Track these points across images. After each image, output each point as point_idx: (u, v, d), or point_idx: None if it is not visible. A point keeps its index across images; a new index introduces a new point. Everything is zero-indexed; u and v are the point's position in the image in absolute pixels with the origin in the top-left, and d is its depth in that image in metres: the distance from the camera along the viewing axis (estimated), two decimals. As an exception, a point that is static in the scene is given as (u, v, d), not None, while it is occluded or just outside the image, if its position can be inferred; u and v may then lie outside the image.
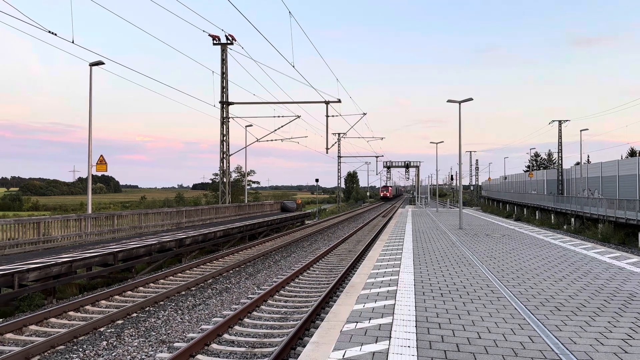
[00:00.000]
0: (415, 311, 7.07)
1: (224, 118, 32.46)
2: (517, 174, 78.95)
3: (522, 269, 10.68)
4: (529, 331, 6.11)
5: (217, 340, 8.28)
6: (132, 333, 8.72)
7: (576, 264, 11.48)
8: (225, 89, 32.24)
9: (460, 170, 24.11)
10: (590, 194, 44.07)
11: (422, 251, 13.76)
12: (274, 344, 8.10)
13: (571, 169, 55.03)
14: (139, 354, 7.67)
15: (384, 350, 5.41)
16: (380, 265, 11.37)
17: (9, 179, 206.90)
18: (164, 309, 10.41)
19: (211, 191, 62.76)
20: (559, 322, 6.54)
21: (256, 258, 17.92)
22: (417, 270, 10.59)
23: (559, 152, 55.48)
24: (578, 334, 6.01)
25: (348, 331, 6.12)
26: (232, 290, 12.56)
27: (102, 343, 8.12)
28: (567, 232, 33.36)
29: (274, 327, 9.24)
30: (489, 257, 12.63)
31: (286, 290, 12.49)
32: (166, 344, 8.19)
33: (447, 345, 5.57)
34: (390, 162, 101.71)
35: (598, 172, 43.72)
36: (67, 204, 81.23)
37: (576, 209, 37.22)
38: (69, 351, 7.72)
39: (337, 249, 20.81)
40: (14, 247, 14.32)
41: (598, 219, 32.18)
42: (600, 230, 30.64)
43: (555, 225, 40.24)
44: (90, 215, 18.15)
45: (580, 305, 7.47)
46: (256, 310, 10.34)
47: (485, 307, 7.31)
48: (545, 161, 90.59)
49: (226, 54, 31.75)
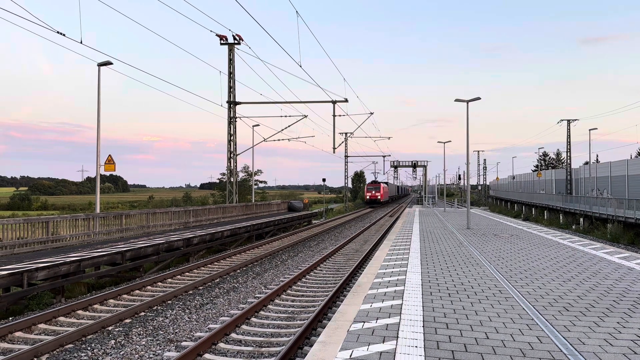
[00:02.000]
0: (423, 311, 7.05)
1: (231, 118, 32.50)
2: (526, 174, 78.56)
3: (531, 269, 10.62)
4: (537, 331, 6.08)
5: (225, 340, 8.30)
6: (140, 332, 8.76)
7: (585, 264, 11.40)
8: (233, 88, 32.28)
9: (467, 169, 24.01)
10: (599, 193, 43.76)
11: (429, 251, 13.72)
12: (281, 343, 8.11)
13: (580, 168, 54.65)
14: (147, 353, 7.70)
15: (391, 350, 5.39)
16: (387, 265, 11.35)
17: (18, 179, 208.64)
18: (172, 308, 10.45)
19: (218, 191, 62.95)
20: (568, 322, 6.49)
21: (263, 257, 17.95)
22: (425, 270, 10.56)
23: (567, 152, 55.10)
24: (587, 334, 5.97)
25: (355, 331, 6.11)
26: (239, 289, 12.59)
27: (111, 342, 8.16)
28: (575, 232, 33.13)
29: (281, 326, 9.24)
30: (497, 257, 12.57)
31: (293, 289, 12.50)
32: (174, 343, 8.22)
33: (455, 346, 5.55)
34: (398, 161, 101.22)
35: (607, 172, 43.41)
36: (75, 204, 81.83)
37: (585, 208, 36.95)
38: (77, 350, 7.76)
39: (344, 249, 20.80)
40: (23, 247, 14.42)
41: (607, 219, 31.94)
42: (609, 230, 30.40)
43: (564, 225, 39.97)
44: (98, 214, 18.25)
45: (589, 305, 7.42)
46: (263, 310, 10.36)
47: (493, 307, 7.27)
48: (554, 161, 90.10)
49: (233, 53, 31.79)
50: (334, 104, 34.76)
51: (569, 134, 54.26)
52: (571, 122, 54.13)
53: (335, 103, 34.57)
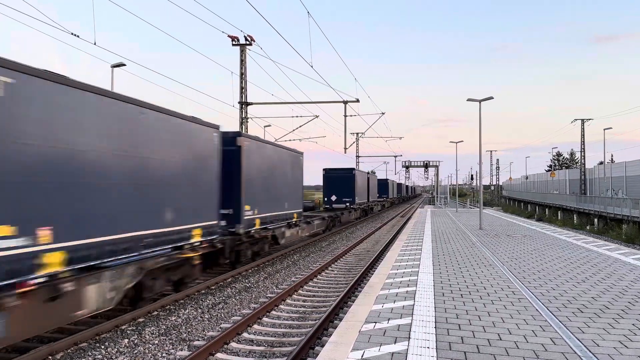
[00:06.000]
0: (435, 312, 7.02)
1: (243, 118, 32.63)
2: (539, 174, 77.89)
3: (544, 270, 10.53)
4: (551, 333, 6.02)
5: (237, 339, 8.33)
6: (153, 331, 8.83)
7: (599, 265, 11.27)
8: (244, 89, 32.40)
9: (480, 169, 23.87)
10: (614, 193, 43.22)
11: (441, 251, 13.66)
12: (293, 343, 8.12)
13: (594, 168, 54.03)
14: (160, 352, 7.76)
15: (403, 351, 5.38)
16: (399, 265, 11.32)
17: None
18: (184, 307, 10.51)
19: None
20: (582, 324, 6.43)
21: (275, 258, 17.98)
22: (437, 270, 10.52)
23: (581, 152, 54.44)
24: (601, 336, 5.91)
25: (367, 331, 6.10)
26: (251, 289, 12.63)
27: (124, 341, 8.23)
28: (590, 233, 32.77)
29: (293, 326, 9.26)
30: (510, 258, 12.48)
31: (305, 289, 12.51)
32: (186, 342, 8.27)
33: (467, 347, 5.52)
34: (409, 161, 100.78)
35: (622, 172, 42.86)
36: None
37: (599, 209, 36.54)
38: (91, 348, 7.84)
39: (355, 249, 20.77)
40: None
41: (622, 220, 31.55)
42: (624, 231, 30.03)
43: (578, 225, 39.56)
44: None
45: (604, 307, 7.34)
46: (275, 310, 10.38)
47: (506, 309, 7.22)
48: (568, 161, 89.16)
49: (245, 54, 31.91)
50: (345, 104, 34.72)
51: (583, 133, 53.64)
52: (585, 122, 53.54)
53: (347, 103, 34.53)
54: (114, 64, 20.34)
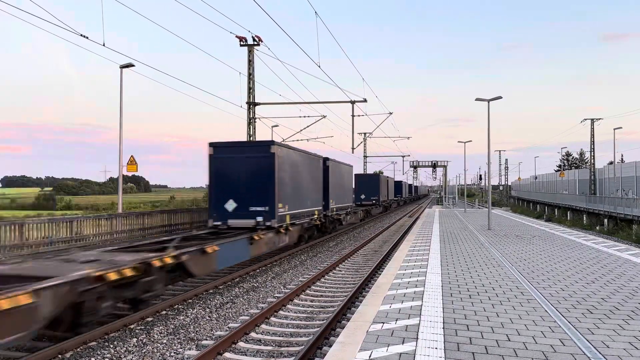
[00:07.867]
0: (443, 312, 7.00)
1: (251, 118, 32.67)
2: (548, 174, 77.34)
3: (553, 271, 10.46)
4: (560, 334, 5.98)
5: (244, 339, 8.35)
6: (162, 330, 8.87)
7: (609, 266, 11.18)
8: (252, 89, 32.44)
9: (489, 169, 23.75)
10: (625, 194, 42.85)
11: (449, 252, 13.61)
12: (300, 343, 8.13)
13: (604, 168, 53.57)
14: (168, 351, 7.79)
15: (410, 351, 5.37)
16: (406, 265, 11.29)
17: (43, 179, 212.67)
18: (192, 307, 10.55)
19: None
20: (592, 325, 6.38)
21: (282, 257, 18.00)
22: (445, 271, 10.48)
23: (591, 151, 54.02)
24: (611, 337, 5.86)
25: (374, 332, 6.09)
26: (258, 289, 12.65)
27: (132, 340, 8.28)
28: (599, 233, 32.51)
29: (300, 326, 9.27)
30: (518, 258, 12.41)
31: (312, 289, 12.52)
32: (194, 341, 8.30)
33: (476, 348, 5.49)
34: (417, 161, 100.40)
35: (633, 172, 42.47)
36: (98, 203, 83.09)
37: (609, 209, 36.25)
38: (100, 347, 7.90)
39: (362, 249, 20.75)
40: (48, 245, 14.72)
41: (632, 220, 31.27)
42: (634, 232, 29.77)
43: (588, 226, 39.27)
44: (120, 214, 18.52)
45: (614, 308, 7.28)
46: (282, 310, 10.39)
47: (514, 309, 7.19)
48: (577, 160, 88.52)
49: (253, 55, 31.95)
50: (352, 104, 34.66)
51: (593, 133, 53.23)
52: (595, 122, 53.12)
53: (354, 103, 34.46)
54: (123, 65, 20.44)
